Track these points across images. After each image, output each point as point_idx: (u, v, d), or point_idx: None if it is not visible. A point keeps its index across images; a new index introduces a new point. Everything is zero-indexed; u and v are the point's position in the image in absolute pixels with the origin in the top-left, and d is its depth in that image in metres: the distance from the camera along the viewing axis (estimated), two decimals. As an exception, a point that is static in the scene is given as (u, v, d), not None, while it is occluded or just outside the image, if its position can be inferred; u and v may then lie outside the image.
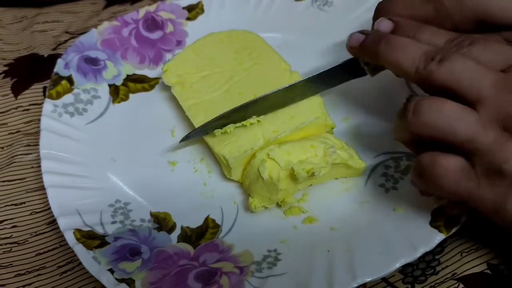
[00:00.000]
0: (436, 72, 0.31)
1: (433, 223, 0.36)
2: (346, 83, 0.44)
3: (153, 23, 0.53)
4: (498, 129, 0.29)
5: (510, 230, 0.30)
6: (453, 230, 0.36)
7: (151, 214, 0.42)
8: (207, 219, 0.42)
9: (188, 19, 0.54)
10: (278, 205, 0.41)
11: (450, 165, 0.30)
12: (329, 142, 0.41)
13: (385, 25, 0.36)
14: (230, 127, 0.42)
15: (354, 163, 0.41)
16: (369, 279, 0.35)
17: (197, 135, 0.44)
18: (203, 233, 0.41)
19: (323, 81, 0.43)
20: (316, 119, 0.42)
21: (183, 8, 0.54)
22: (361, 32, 0.37)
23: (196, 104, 0.46)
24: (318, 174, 0.39)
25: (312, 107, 0.43)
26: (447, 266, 0.38)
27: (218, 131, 0.42)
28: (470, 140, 0.29)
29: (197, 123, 0.44)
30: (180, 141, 0.45)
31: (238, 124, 0.42)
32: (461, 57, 0.31)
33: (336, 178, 0.42)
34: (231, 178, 0.43)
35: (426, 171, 0.31)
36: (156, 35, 0.53)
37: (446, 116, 0.30)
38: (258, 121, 0.43)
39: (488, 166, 0.29)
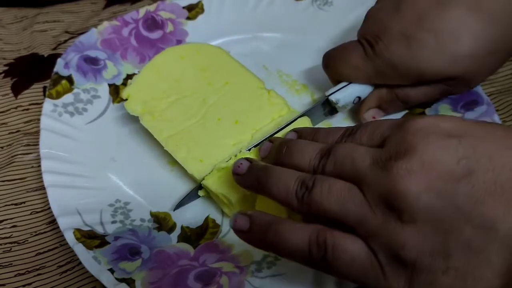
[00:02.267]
0: (325, 167, 0.31)
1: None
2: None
3: (153, 23, 0.53)
4: (384, 208, 0.27)
5: None
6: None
7: (151, 214, 0.42)
8: (207, 219, 0.42)
9: (188, 18, 0.54)
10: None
11: (353, 250, 0.28)
12: None
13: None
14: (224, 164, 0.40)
15: None
16: (369, 279, 0.34)
17: (190, 200, 0.42)
18: (203, 233, 0.41)
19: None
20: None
21: (183, 7, 0.54)
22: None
23: (173, 136, 0.43)
24: None
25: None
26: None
27: (214, 173, 0.40)
28: (361, 222, 0.28)
29: (181, 158, 0.41)
30: (174, 210, 0.42)
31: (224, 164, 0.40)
32: (342, 144, 0.32)
33: None
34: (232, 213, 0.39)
35: (326, 252, 0.29)
36: (156, 34, 0.53)
37: (336, 197, 0.29)
38: (250, 152, 0.40)
39: (386, 252, 0.27)
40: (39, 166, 0.42)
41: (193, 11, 0.54)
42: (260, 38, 0.53)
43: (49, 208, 0.40)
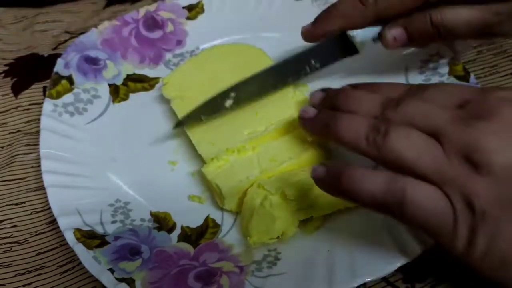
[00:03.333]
0: (392, 119, 0.32)
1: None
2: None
3: (153, 23, 0.53)
4: (461, 160, 0.29)
5: (478, 269, 0.29)
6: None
7: (151, 214, 0.42)
8: (207, 218, 0.42)
9: (188, 18, 0.54)
10: (280, 239, 0.39)
11: (435, 199, 0.29)
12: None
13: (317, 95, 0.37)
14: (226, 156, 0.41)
15: None
16: (370, 279, 0.35)
17: (190, 121, 0.44)
18: (203, 233, 0.41)
19: (315, 57, 0.43)
20: (314, 147, 0.41)
21: (183, 7, 0.54)
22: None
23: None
24: (310, 189, 0.37)
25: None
26: (447, 265, 0.38)
27: (213, 160, 0.41)
28: (437, 171, 0.29)
29: (196, 140, 0.43)
30: (174, 128, 0.44)
31: (233, 148, 0.41)
32: (411, 100, 0.32)
33: (341, 209, 0.39)
34: (224, 208, 0.41)
35: (405, 199, 0.29)
36: (156, 34, 0.53)
37: (413, 145, 0.30)
38: (253, 149, 0.41)
39: (461, 198, 0.28)
40: (39, 166, 0.42)
41: (193, 11, 0.54)
42: (260, 38, 0.53)
43: (49, 208, 0.40)
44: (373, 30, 0.41)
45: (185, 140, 0.46)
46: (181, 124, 0.44)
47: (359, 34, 0.41)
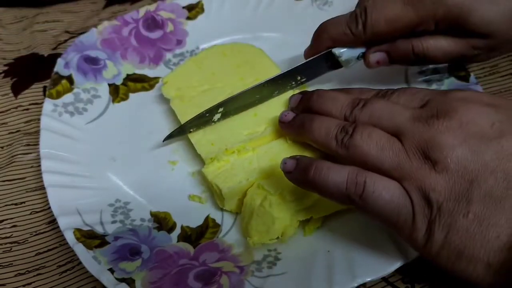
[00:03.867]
0: (359, 117, 0.35)
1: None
2: (343, 83, 0.45)
3: (153, 23, 0.53)
4: (420, 157, 0.31)
5: (436, 262, 0.31)
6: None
7: (151, 214, 0.42)
8: (207, 218, 0.42)
9: (188, 18, 0.54)
10: (279, 240, 0.39)
11: (393, 191, 0.31)
12: None
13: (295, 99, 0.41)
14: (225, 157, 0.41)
15: None
16: (369, 279, 0.35)
17: (179, 134, 0.44)
18: (203, 233, 0.41)
19: (301, 73, 0.45)
20: (313, 149, 0.40)
21: (183, 7, 0.54)
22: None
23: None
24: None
25: None
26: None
27: (213, 160, 0.41)
28: (397, 166, 0.32)
29: (195, 140, 0.43)
30: (164, 140, 0.45)
31: (232, 149, 0.41)
32: (377, 101, 0.35)
33: (339, 211, 0.39)
34: (224, 208, 0.41)
35: (364, 190, 0.32)
36: (156, 34, 0.53)
37: (375, 143, 0.33)
38: (253, 149, 0.42)
39: (419, 192, 0.31)
40: (39, 166, 0.42)
41: (193, 11, 0.54)
42: (260, 38, 0.53)
43: (49, 208, 0.40)
44: (357, 50, 0.43)
45: (185, 140, 0.46)
46: (171, 137, 0.45)
47: (344, 53, 0.43)
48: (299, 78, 0.45)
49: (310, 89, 0.45)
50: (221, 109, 0.44)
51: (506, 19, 0.38)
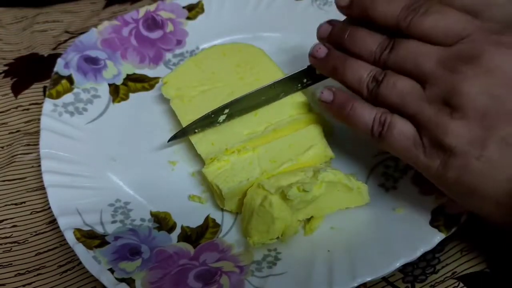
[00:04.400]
0: (388, 62, 0.36)
1: (433, 223, 0.36)
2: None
3: (153, 23, 0.53)
4: (441, 104, 0.32)
5: (449, 194, 0.34)
6: (453, 230, 0.36)
7: (151, 214, 0.42)
8: (207, 218, 0.42)
9: (188, 18, 0.54)
10: (280, 239, 0.39)
11: (404, 130, 0.34)
12: (322, 167, 0.40)
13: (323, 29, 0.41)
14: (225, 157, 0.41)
15: (351, 183, 0.38)
16: (369, 279, 0.35)
17: (184, 135, 0.44)
18: (203, 233, 0.41)
19: (308, 76, 0.44)
20: (315, 149, 0.41)
21: (183, 7, 0.54)
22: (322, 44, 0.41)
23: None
24: (309, 189, 0.37)
25: (311, 136, 0.42)
26: (447, 265, 0.38)
27: (213, 161, 0.41)
28: (416, 113, 0.33)
29: (195, 140, 0.43)
30: (168, 141, 0.45)
31: (232, 148, 0.42)
32: (404, 42, 0.35)
33: (341, 209, 0.40)
34: (225, 208, 0.41)
35: (383, 129, 0.35)
36: (156, 34, 0.53)
37: (399, 91, 0.35)
38: (253, 149, 0.41)
39: (431, 138, 0.33)
40: (39, 166, 0.42)
41: (193, 11, 0.54)
42: (260, 38, 0.53)
43: (49, 208, 0.40)
44: None
45: (185, 140, 0.46)
46: (176, 138, 0.44)
47: None
48: (305, 80, 0.45)
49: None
50: (226, 111, 0.43)
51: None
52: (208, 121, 0.43)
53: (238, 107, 0.44)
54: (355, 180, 0.39)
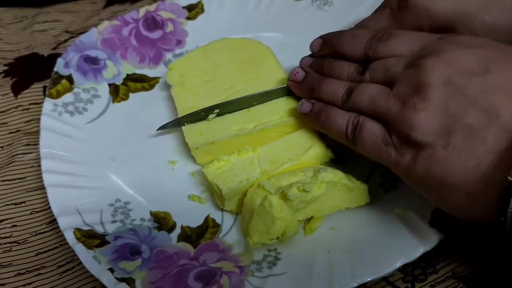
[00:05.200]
0: (363, 78, 0.38)
1: (433, 223, 0.36)
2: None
3: (153, 23, 0.53)
4: (406, 99, 0.33)
5: (419, 190, 0.34)
6: (453, 230, 0.36)
7: (151, 214, 0.42)
8: (207, 218, 0.42)
9: (188, 18, 0.54)
10: (279, 240, 0.39)
11: (374, 130, 0.35)
12: (322, 167, 0.40)
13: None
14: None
15: (351, 183, 0.38)
16: (369, 279, 0.35)
17: (173, 126, 0.46)
18: (203, 233, 0.41)
19: None
20: (315, 149, 0.41)
21: (183, 7, 0.54)
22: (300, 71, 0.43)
23: (190, 108, 0.45)
24: (309, 189, 0.37)
25: (311, 137, 0.42)
26: (447, 265, 0.38)
27: (214, 162, 0.41)
28: (384, 112, 0.34)
29: (185, 128, 0.44)
30: (157, 130, 0.46)
31: (220, 141, 0.42)
32: (376, 62, 0.38)
33: (341, 210, 0.40)
34: (224, 208, 0.41)
35: (355, 131, 0.36)
36: (156, 34, 0.53)
37: (369, 95, 0.36)
38: (253, 150, 0.42)
39: (399, 134, 0.33)
40: (39, 165, 0.42)
41: (193, 11, 0.55)
42: (260, 38, 0.53)
43: (49, 207, 0.40)
44: None
45: (184, 140, 0.46)
46: (164, 127, 0.46)
47: None
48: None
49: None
50: (216, 110, 0.44)
51: (497, 30, 0.38)
52: (198, 117, 0.44)
53: (227, 109, 0.44)
54: (355, 180, 0.39)
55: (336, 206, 0.39)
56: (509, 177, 0.27)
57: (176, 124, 0.45)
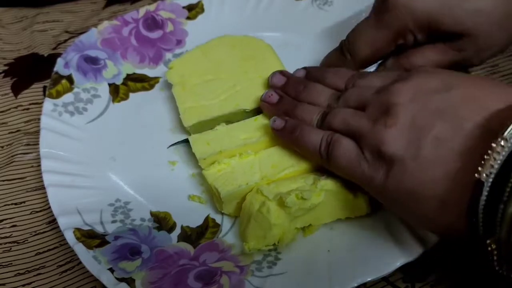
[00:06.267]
0: (338, 105, 0.39)
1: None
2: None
3: (153, 23, 0.53)
4: (376, 118, 0.34)
5: (391, 207, 0.35)
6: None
7: (151, 214, 0.42)
8: (207, 218, 0.42)
9: (188, 18, 0.54)
10: (276, 246, 0.38)
11: (348, 147, 0.36)
12: (322, 174, 0.39)
13: (278, 78, 0.44)
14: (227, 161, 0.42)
15: (352, 193, 0.38)
16: (369, 279, 0.35)
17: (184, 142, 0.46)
18: (203, 233, 0.41)
19: None
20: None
21: (183, 7, 0.54)
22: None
23: (192, 108, 0.45)
24: (308, 197, 0.37)
25: None
26: (447, 264, 0.38)
27: (215, 165, 0.41)
28: (356, 131, 0.36)
29: (192, 138, 0.43)
30: (168, 147, 0.46)
31: (227, 150, 0.42)
32: (351, 89, 0.39)
33: (341, 219, 0.40)
34: (223, 211, 0.41)
35: (329, 148, 0.37)
36: (156, 34, 0.53)
37: (342, 116, 0.37)
38: (255, 154, 0.41)
39: (371, 150, 0.34)
40: (39, 165, 0.42)
41: (193, 11, 0.54)
42: (260, 38, 0.53)
43: (49, 207, 0.40)
44: None
45: (184, 141, 0.46)
46: (174, 144, 0.46)
47: None
48: None
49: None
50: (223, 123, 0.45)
51: (479, 14, 0.39)
52: (205, 127, 0.45)
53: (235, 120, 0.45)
54: (356, 190, 0.38)
55: (335, 215, 0.39)
56: (476, 175, 0.28)
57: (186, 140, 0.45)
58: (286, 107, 0.42)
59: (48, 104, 0.46)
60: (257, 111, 0.45)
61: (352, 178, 0.36)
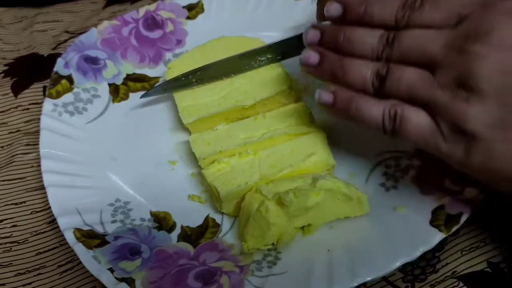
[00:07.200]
0: (390, 55, 0.34)
1: (433, 222, 0.36)
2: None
3: (153, 22, 0.53)
4: (454, 88, 0.30)
5: (476, 177, 0.33)
6: (453, 229, 0.36)
7: (151, 213, 0.42)
8: (207, 218, 0.42)
9: (188, 18, 0.54)
10: (275, 246, 0.39)
11: (419, 122, 0.32)
12: (322, 174, 0.39)
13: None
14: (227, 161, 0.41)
15: (351, 193, 0.38)
16: (369, 278, 0.35)
17: (155, 93, 0.48)
18: (203, 233, 0.41)
19: (275, 51, 0.46)
20: (317, 156, 0.41)
21: (183, 7, 0.54)
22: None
23: (191, 106, 0.45)
24: (306, 196, 0.36)
25: (314, 143, 0.41)
26: (447, 264, 0.38)
27: (214, 164, 0.41)
28: (429, 102, 0.32)
29: (192, 138, 0.43)
30: (141, 97, 0.48)
31: (227, 150, 0.42)
32: (406, 32, 0.33)
33: (341, 219, 0.39)
34: (222, 211, 0.41)
35: (395, 123, 0.33)
36: (156, 34, 0.53)
37: (407, 83, 0.32)
38: (254, 153, 0.41)
39: (450, 125, 0.31)
40: (39, 165, 0.42)
41: (193, 10, 0.54)
42: (260, 38, 0.52)
43: (49, 207, 0.40)
44: None
45: (184, 140, 0.46)
46: (148, 95, 0.48)
47: None
48: (270, 56, 0.46)
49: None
50: (198, 73, 0.46)
51: None
52: (180, 83, 0.45)
53: (207, 74, 0.46)
54: (355, 190, 0.38)
55: (334, 214, 0.39)
56: None
57: (160, 91, 0.47)
58: (331, 67, 0.36)
59: (48, 104, 0.46)
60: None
61: (425, 150, 0.33)
